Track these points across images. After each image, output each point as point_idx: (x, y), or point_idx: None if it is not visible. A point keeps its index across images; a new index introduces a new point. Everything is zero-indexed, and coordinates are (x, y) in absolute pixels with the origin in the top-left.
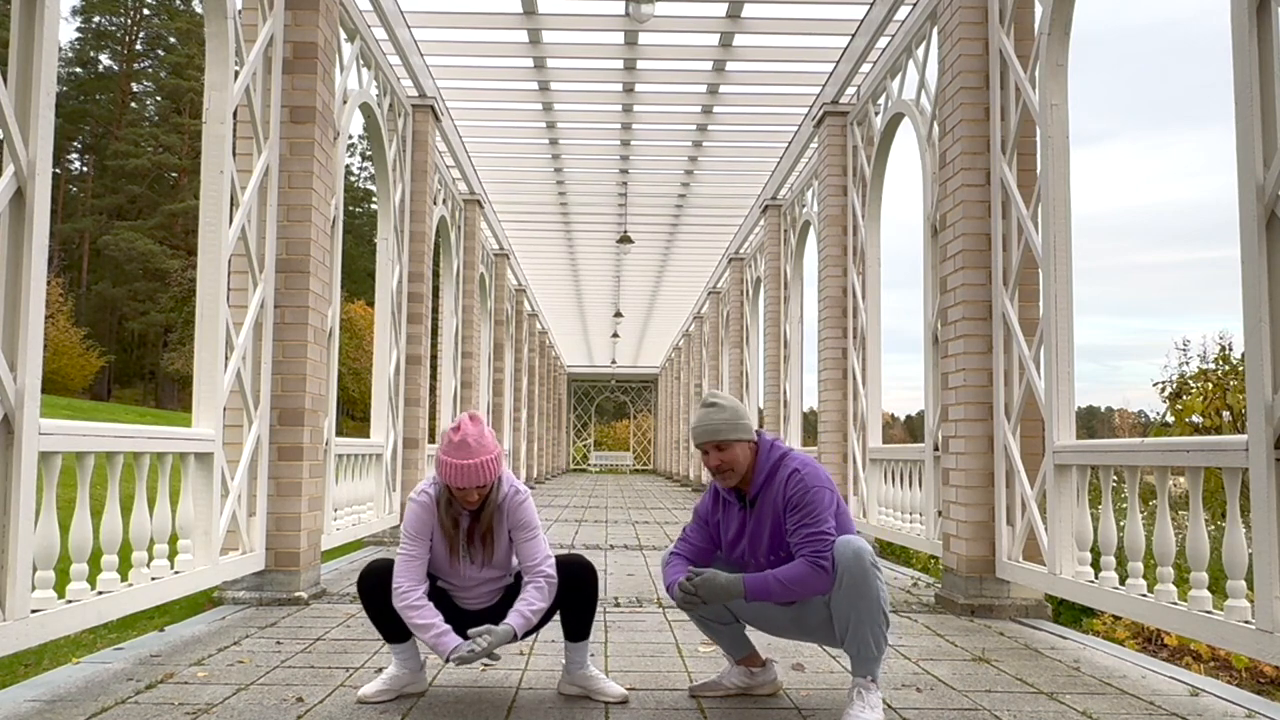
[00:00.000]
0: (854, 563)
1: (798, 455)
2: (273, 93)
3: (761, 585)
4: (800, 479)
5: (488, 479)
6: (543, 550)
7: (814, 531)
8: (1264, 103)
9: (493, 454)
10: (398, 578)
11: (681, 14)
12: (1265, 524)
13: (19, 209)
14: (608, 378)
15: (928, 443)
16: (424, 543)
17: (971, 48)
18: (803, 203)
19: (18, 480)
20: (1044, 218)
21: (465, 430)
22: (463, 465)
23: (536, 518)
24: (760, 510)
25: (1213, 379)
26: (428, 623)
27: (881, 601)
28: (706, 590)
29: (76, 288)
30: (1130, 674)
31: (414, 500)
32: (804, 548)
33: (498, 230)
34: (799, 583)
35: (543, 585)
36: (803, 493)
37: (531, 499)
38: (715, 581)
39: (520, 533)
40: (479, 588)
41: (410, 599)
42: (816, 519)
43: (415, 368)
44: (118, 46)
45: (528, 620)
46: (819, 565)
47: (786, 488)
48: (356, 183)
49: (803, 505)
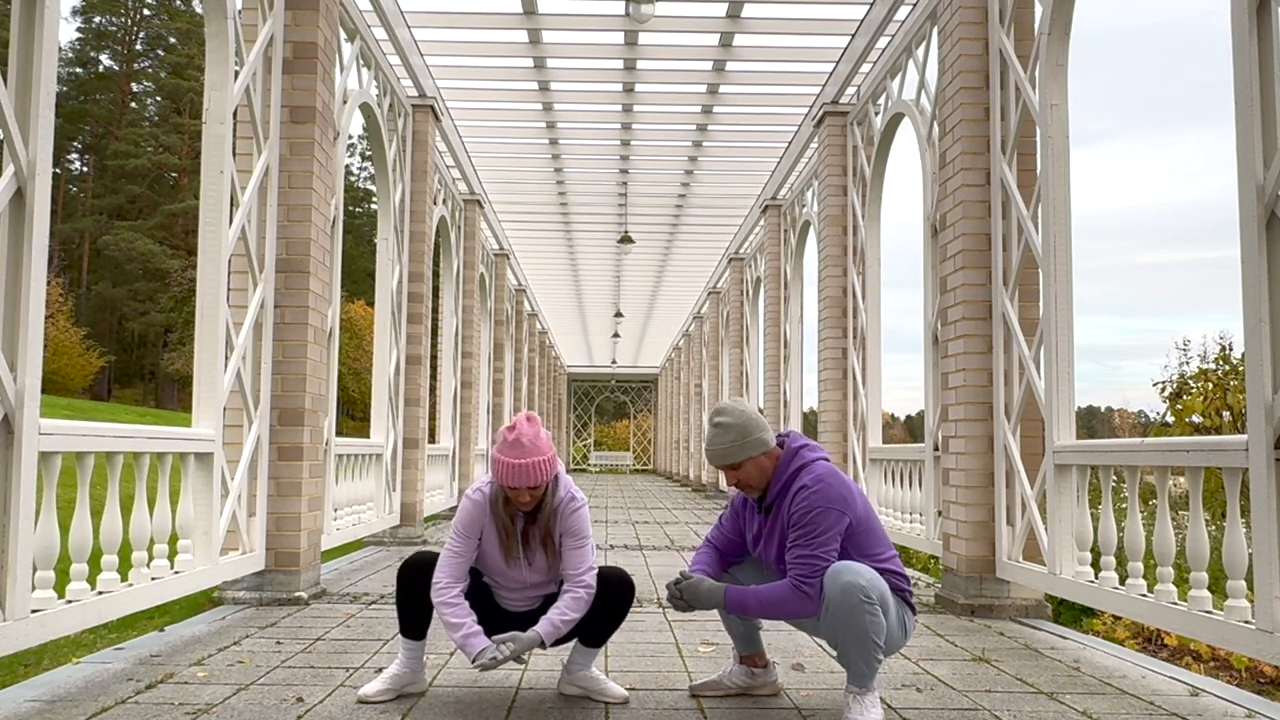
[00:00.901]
0: (839, 599)
1: (819, 468)
2: (273, 93)
3: (740, 601)
4: (807, 496)
5: (541, 479)
6: (588, 560)
7: (805, 555)
8: (1264, 103)
9: (546, 455)
10: (439, 572)
11: (681, 14)
12: (1265, 524)
13: (19, 209)
14: (608, 378)
15: (928, 443)
16: (472, 541)
17: (971, 48)
18: (803, 203)
19: (18, 480)
20: (1044, 218)
21: (521, 430)
22: (517, 465)
23: (589, 527)
24: (776, 517)
25: (1213, 379)
26: (459, 621)
27: (873, 635)
28: (691, 595)
29: (76, 288)
30: (1130, 674)
31: (468, 497)
32: (793, 569)
33: (498, 230)
34: (778, 604)
35: (580, 595)
36: (804, 511)
37: (587, 508)
38: (699, 588)
39: (569, 539)
40: (525, 591)
41: (447, 595)
42: (811, 541)
43: (415, 368)
44: (118, 46)
45: (557, 629)
46: (802, 590)
47: (793, 503)
48: (356, 183)
49: (802, 524)
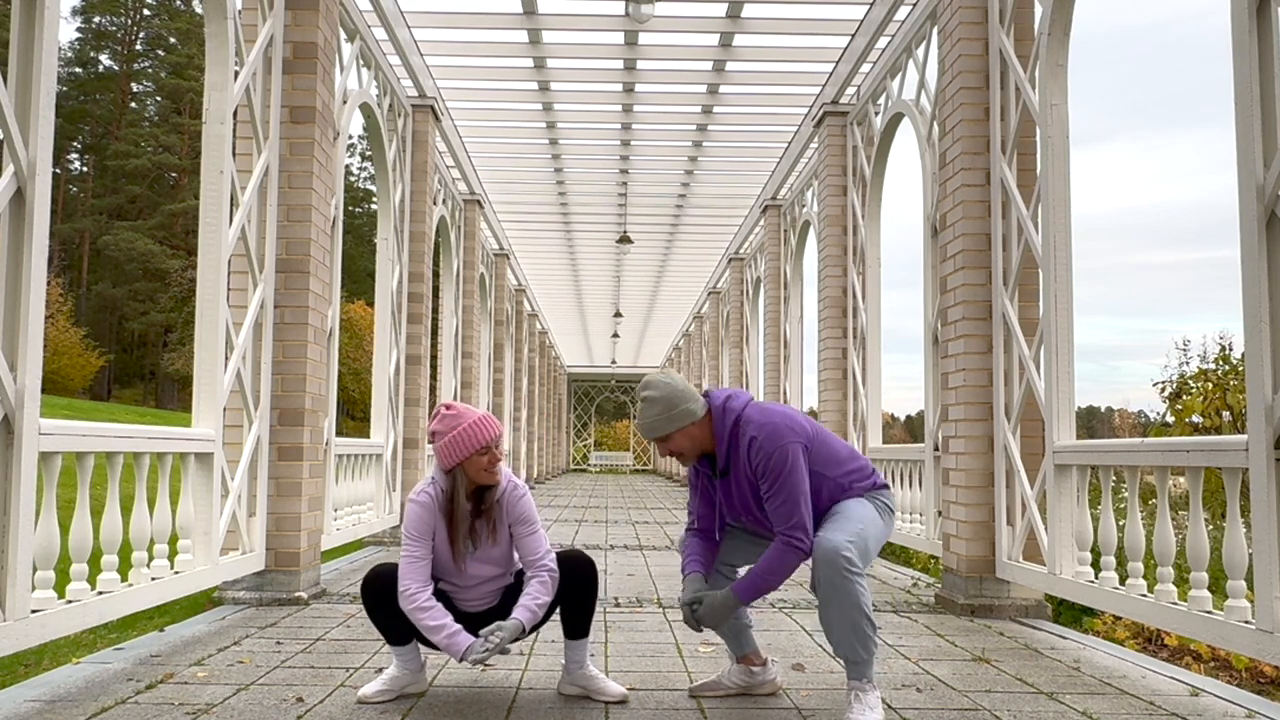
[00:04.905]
0: (827, 570)
1: (752, 415)
2: (273, 93)
3: (750, 590)
4: (759, 448)
5: (495, 431)
6: (544, 545)
7: (779, 504)
8: (1264, 103)
9: (483, 413)
10: (404, 580)
11: (681, 14)
12: (1265, 524)
13: (19, 209)
14: (608, 378)
15: (928, 443)
16: (427, 543)
17: (971, 48)
18: (803, 203)
19: (18, 480)
20: (1044, 218)
21: (454, 406)
22: (469, 428)
23: (535, 512)
24: (735, 476)
25: (1213, 379)
26: (439, 623)
27: (863, 606)
28: (710, 617)
29: (76, 288)
30: (1130, 674)
31: (414, 501)
32: (778, 525)
33: (498, 230)
34: (781, 567)
35: (546, 579)
36: (764, 461)
37: (530, 494)
38: (714, 605)
39: (521, 527)
40: (480, 587)
41: (419, 600)
42: (782, 488)
43: (415, 368)
44: (118, 46)
45: (534, 614)
46: (792, 542)
47: (750, 458)
48: (356, 183)
49: (768, 474)
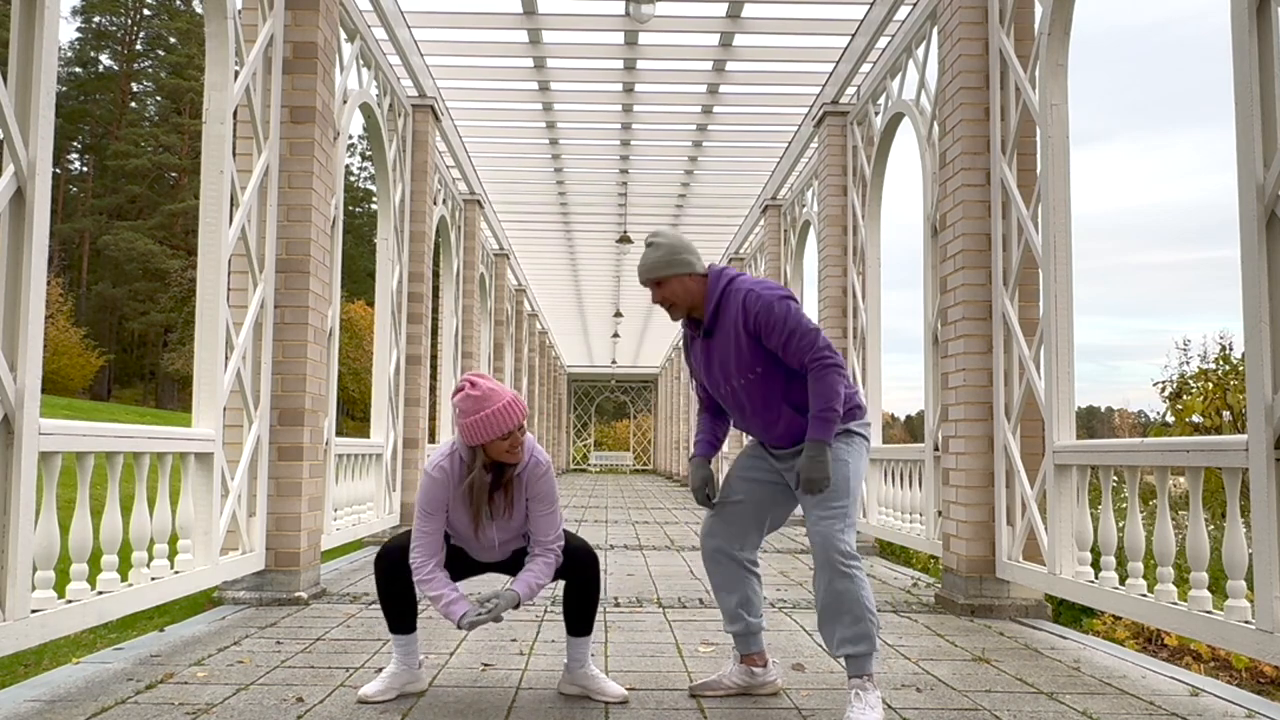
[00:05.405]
0: (826, 566)
1: (747, 277)
2: (273, 93)
3: (822, 423)
4: (757, 298)
5: (518, 419)
6: (558, 528)
7: (801, 341)
8: (1264, 103)
9: (510, 396)
10: (414, 555)
11: (681, 14)
12: (1265, 524)
13: (19, 209)
14: (608, 378)
15: (928, 443)
16: (439, 518)
17: (971, 48)
18: (803, 203)
19: (18, 480)
20: (1044, 218)
21: (476, 384)
22: (490, 414)
23: (557, 491)
24: (721, 336)
25: (1213, 379)
26: (439, 593)
27: (863, 599)
28: (815, 470)
29: (76, 288)
30: (1130, 674)
31: (428, 474)
32: (805, 358)
33: (498, 230)
34: (828, 390)
35: (551, 561)
36: (765, 312)
37: (553, 471)
38: (813, 459)
39: (538, 505)
40: (495, 550)
41: (423, 572)
42: (795, 330)
43: (415, 368)
44: (118, 46)
45: (533, 590)
46: (827, 364)
47: (746, 309)
48: (356, 183)
49: (773, 322)
